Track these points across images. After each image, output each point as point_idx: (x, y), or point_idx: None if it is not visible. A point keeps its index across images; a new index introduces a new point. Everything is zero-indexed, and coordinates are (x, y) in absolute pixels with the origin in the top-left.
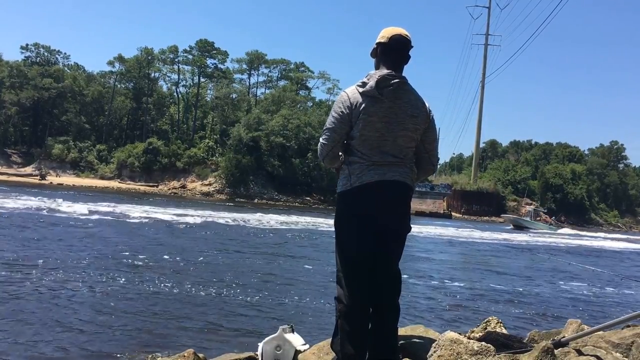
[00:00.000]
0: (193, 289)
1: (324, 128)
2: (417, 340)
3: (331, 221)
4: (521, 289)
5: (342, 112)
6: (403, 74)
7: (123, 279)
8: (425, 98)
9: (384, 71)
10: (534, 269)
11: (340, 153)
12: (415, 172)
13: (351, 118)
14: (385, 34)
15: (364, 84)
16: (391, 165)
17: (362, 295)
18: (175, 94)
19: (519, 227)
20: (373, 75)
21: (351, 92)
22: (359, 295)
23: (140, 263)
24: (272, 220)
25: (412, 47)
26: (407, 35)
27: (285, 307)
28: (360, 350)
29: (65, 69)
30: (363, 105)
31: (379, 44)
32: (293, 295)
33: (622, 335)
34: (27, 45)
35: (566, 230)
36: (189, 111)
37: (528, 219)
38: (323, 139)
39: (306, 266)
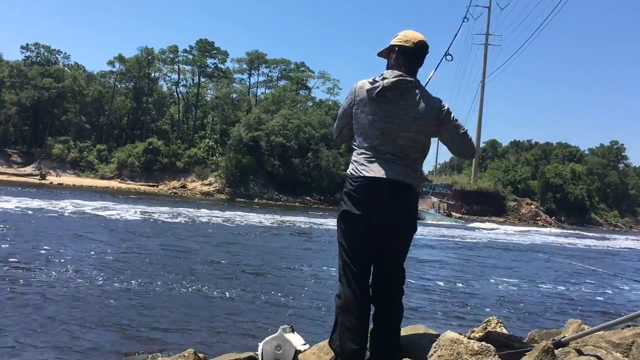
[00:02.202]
0: (193, 288)
1: (338, 114)
2: (417, 340)
3: (331, 221)
4: (521, 289)
5: (346, 104)
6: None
7: (122, 279)
8: None
9: (396, 72)
10: (533, 269)
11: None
12: (420, 172)
13: (352, 112)
14: (410, 37)
15: (374, 82)
16: (390, 162)
17: (362, 292)
18: (175, 93)
19: (421, 219)
20: (385, 76)
21: (360, 87)
22: (357, 292)
23: (139, 262)
24: (272, 220)
25: (427, 52)
26: (427, 42)
27: (285, 307)
28: (358, 347)
29: (66, 68)
30: (366, 103)
31: (400, 46)
32: (293, 295)
33: (622, 335)
34: (27, 45)
35: (488, 225)
36: (189, 111)
37: (432, 211)
38: (335, 124)
39: (306, 266)
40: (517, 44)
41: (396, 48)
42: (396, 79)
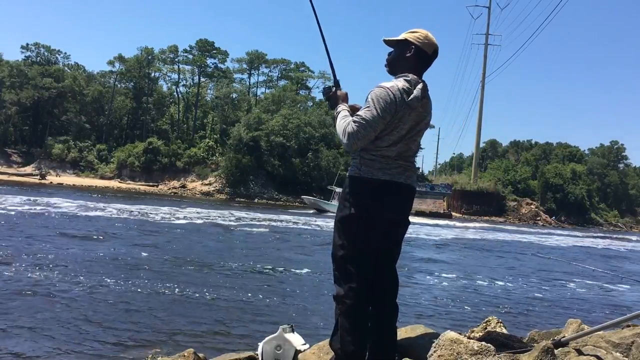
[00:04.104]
0: (193, 289)
1: (363, 119)
2: (417, 340)
3: (330, 222)
4: (521, 289)
5: (386, 114)
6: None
7: (122, 279)
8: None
9: (419, 80)
10: (533, 269)
11: None
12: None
13: (391, 118)
14: (430, 42)
15: (409, 92)
16: (401, 167)
17: (364, 294)
18: (175, 93)
19: (321, 211)
20: (414, 82)
21: (399, 97)
22: (360, 294)
23: (139, 262)
24: (272, 219)
25: None
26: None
27: (285, 307)
28: (360, 348)
29: (66, 68)
30: (405, 112)
31: (420, 49)
32: (293, 295)
33: (622, 335)
34: (27, 44)
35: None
36: (189, 111)
37: (335, 202)
38: (360, 132)
39: (306, 266)
40: (517, 44)
41: (413, 47)
42: (424, 86)
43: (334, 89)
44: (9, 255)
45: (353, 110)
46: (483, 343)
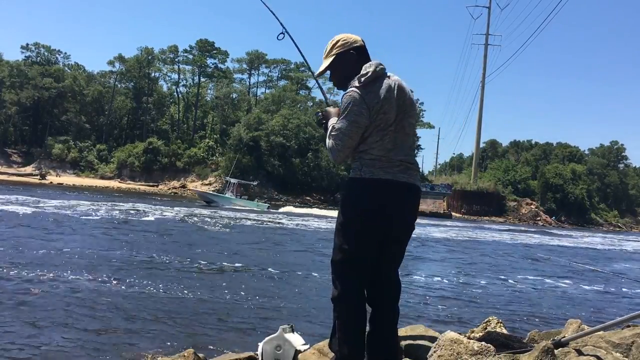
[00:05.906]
0: (193, 288)
1: (337, 130)
2: (417, 340)
3: (321, 222)
4: (521, 289)
5: (360, 117)
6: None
7: (121, 279)
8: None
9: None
10: (533, 269)
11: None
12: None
13: (369, 120)
14: (353, 37)
15: (369, 83)
16: (402, 166)
17: (363, 295)
18: (175, 93)
19: (209, 203)
20: (381, 73)
21: (366, 94)
22: (360, 295)
23: (138, 262)
24: (271, 220)
25: None
26: None
27: (285, 307)
28: (359, 350)
29: (66, 68)
30: (380, 108)
31: (358, 47)
32: (293, 295)
33: (622, 335)
34: (27, 44)
35: (289, 209)
36: (189, 111)
37: (229, 194)
38: (337, 144)
39: (306, 266)
40: (517, 44)
41: (352, 51)
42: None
43: (325, 110)
44: (8, 255)
45: None
46: (483, 343)
